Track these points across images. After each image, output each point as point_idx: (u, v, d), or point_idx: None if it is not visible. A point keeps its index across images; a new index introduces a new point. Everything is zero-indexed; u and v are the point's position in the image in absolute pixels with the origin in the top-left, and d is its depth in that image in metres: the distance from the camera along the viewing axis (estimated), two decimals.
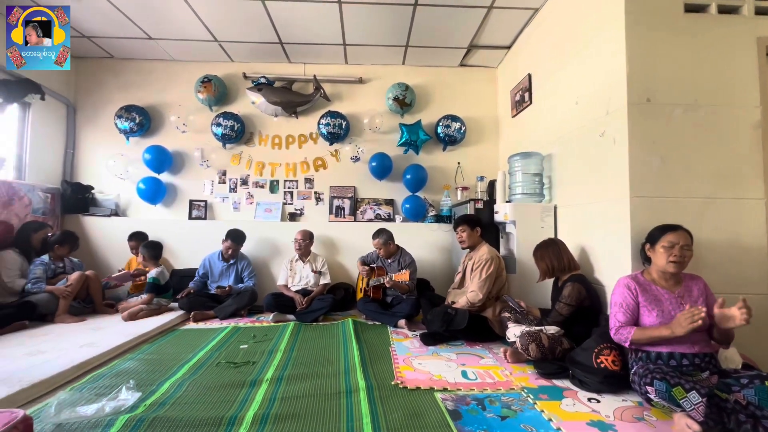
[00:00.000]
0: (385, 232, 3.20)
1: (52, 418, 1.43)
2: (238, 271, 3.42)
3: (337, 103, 4.12)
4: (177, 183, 4.01)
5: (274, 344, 2.46)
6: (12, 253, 2.90)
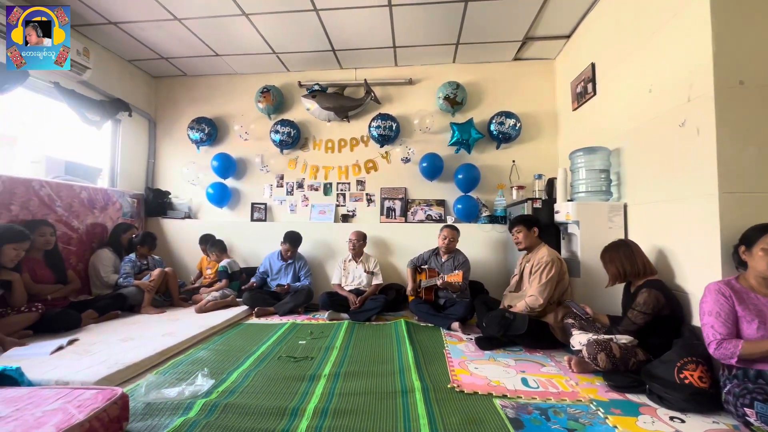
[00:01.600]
0: (456, 227, 3.25)
1: (143, 398, 1.61)
2: (295, 270, 3.60)
3: (387, 105, 4.16)
4: (240, 187, 4.32)
5: (330, 341, 2.54)
6: (107, 251, 3.31)
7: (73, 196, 3.24)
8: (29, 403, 1.31)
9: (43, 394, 1.38)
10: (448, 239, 3.17)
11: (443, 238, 3.19)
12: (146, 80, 4.38)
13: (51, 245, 2.79)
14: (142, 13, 3.18)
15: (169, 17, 3.22)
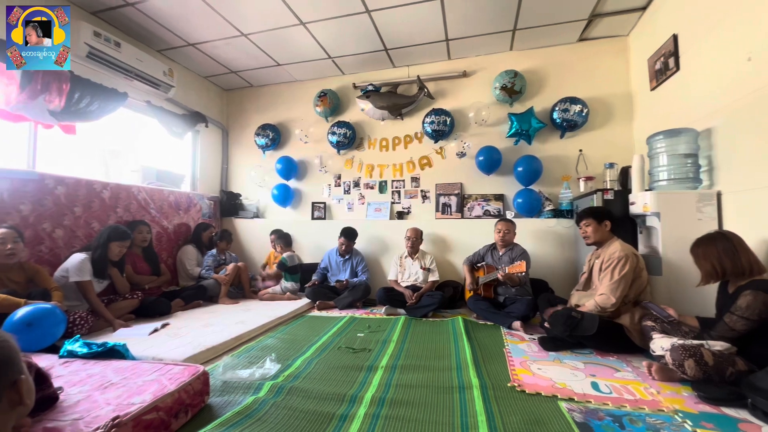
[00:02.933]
0: (511, 220, 3.17)
1: (220, 376, 1.79)
2: (352, 266, 3.71)
3: (441, 100, 4.11)
4: (301, 188, 4.57)
5: (387, 335, 2.58)
6: (191, 247, 3.73)
7: (162, 199, 3.71)
8: (133, 373, 1.53)
9: (143, 367, 1.60)
10: (503, 231, 3.06)
11: (498, 231, 3.10)
12: (219, 93, 4.84)
13: (147, 242, 3.23)
14: (215, 33, 3.52)
15: (237, 34, 3.53)
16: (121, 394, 1.36)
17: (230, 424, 1.35)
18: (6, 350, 0.68)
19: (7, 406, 0.68)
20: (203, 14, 3.20)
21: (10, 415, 0.69)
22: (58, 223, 2.72)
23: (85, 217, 2.90)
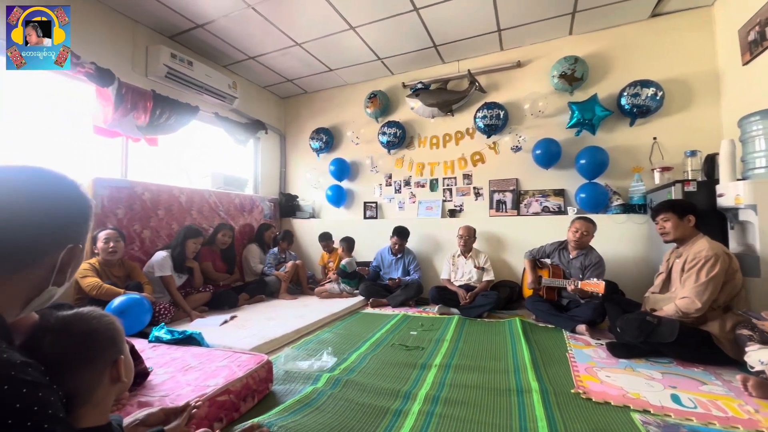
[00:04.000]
0: (592, 220, 2.85)
1: (282, 366, 1.91)
2: (404, 265, 3.73)
3: (494, 93, 3.96)
4: (354, 188, 4.70)
5: (441, 334, 2.56)
6: (255, 246, 4.01)
7: (229, 202, 4.04)
8: (208, 359, 1.69)
9: (216, 353, 1.76)
10: (581, 232, 2.78)
11: (575, 231, 2.82)
12: (276, 101, 5.14)
13: (227, 244, 3.53)
14: (272, 45, 3.75)
15: (292, 44, 3.72)
16: (199, 377, 1.51)
17: (292, 410, 1.43)
18: (111, 330, 0.79)
19: (109, 381, 0.78)
20: (262, 29, 3.42)
21: (111, 390, 0.80)
22: (146, 224, 3.09)
23: (166, 219, 3.26)
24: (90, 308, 0.80)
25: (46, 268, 0.65)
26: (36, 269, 0.64)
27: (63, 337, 0.71)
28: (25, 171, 0.64)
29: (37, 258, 0.63)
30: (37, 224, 0.62)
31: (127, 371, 0.82)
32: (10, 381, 0.49)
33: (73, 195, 0.68)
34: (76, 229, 0.68)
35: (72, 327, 0.73)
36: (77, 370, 0.73)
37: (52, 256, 0.65)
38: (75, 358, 0.72)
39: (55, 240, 0.65)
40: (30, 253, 0.63)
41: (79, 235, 0.69)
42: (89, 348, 0.74)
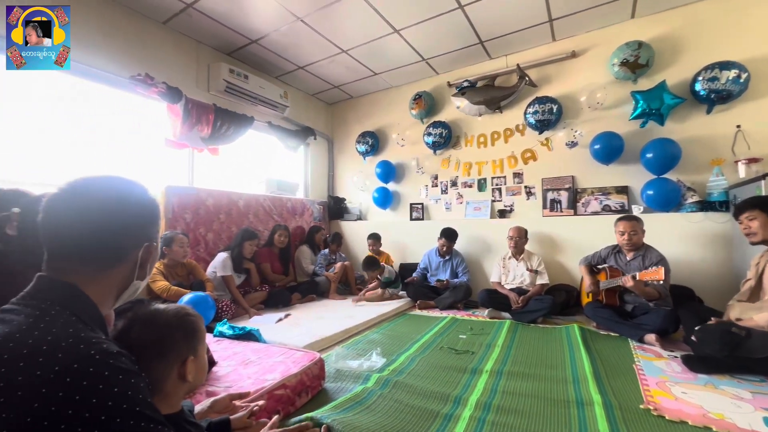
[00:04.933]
0: (639, 218, 2.68)
1: (333, 364, 1.97)
2: (452, 267, 3.67)
3: (545, 87, 3.76)
4: (400, 190, 4.71)
5: (492, 338, 2.48)
6: (306, 247, 4.18)
7: (282, 205, 4.25)
8: (265, 354, 1.80)
9: (272, 350, 1.87)
10: (628, 233, 2.60)
11: (620, 233, 2.65)
12: (324, 108, 5.32)
13: (284, 244, 3.73)
14: (320, 53, 3.89)
15: (338, 51, 3.84)
16: (258, 371, 1.60)
17: (343, 408, 1.47)
18: (189, 330, 0.85)
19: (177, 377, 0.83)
20: (310, 39, 3.57)
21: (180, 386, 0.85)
22: (209, 227, 3.36)
23: (227, 222, 3.52)
24: (178, 306, 0.88)
25: (130, 265, 0.73)
26: (122, 267, 0.72)
27: (148, 327, 0.80)
28: (106, 180, 0.72)
29: (122, 256, 0.72)
30: (121, 227, 0.70)
31: (197, 373, 0.86)
32: (109, 368, 0.56)
33: (145, 199, 0.76)
34: (150, 228, 0.76)
35: (156, 319, 0.82)
36: (151, 361, 0.79)
37: (133, 254, 0.73)
38: (151, 349, 0.79)
39: (135, 240, 0.73)
40: (117, 253, 0.71)
41: (153, 234, 0.77)
42: (163, 342, 0.81)
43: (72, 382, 0.52)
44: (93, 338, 0.58)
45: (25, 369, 0.51)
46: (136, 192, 0.74)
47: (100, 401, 0.53)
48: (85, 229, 0.66)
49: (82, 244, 0.67)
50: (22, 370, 0.51)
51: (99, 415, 0.52)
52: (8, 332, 0.55)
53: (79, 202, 0.67)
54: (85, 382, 0.53)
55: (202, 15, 3.15)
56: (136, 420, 0.55)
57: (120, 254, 0.71)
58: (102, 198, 0.69)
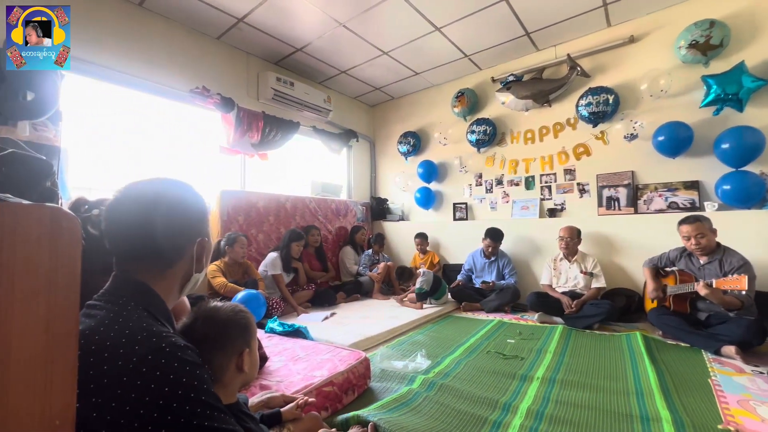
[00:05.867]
0: (704, 217, 2.40)
1: (378, 364, 1.98)
2: (499, 268, 3.54)
3: (600, 76, 3.51)
4: (442, 189, 4.65)
5: (542, 344, 2.36)
6: (349, 248, 4.27)
7: (326, 207, 4.37)
8: (313, 351, 1.85)
9: (319, 347, 1.92)
10: (694, 237, 2.32)
11: (685, 238, 2.38)
12: (366, 110, 5.40)
13: (318, 243, 3.86)
14: (361, 57, 3.95)
15: (379, 54, 3.87)
16: (306, 367, 1.66)
17: (389, 408, 1.47)
18: (243, 326, 0.91)
19: (235, 369, 0.90)
20: (352, 43, 3.63)
21: (237, 377, 0.90)
22: (260, 228, 3.54)
23: (275, 223, 3.69)
24: (233, 304, 0.95)
25: (188, 260, 0.78)
26: (182, 262, 0.77)
27: (209, 322, 0.86)
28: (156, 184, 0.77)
29: (181, 252, 0.77)
30: (175, 227, 0.75)
31: (251, 365, 0.92)
32: (178, 360, 0.61)
33: (194, 197, 0.81)
34: (200, 224, 0.81)
35: (217, 315, 0.88)
36: (212, 352, 0.85)
37: (189, 250, 0.78)
38: (213, 341, 0.86)
39: (189, 237, 0.78)
40: (177, 250, 0.76)
41: (204, 229, 0.82)
42: (224, 335, 0.87)
43: (147, 372, 0.57)
44: (163, 332, 0.64)
45: (109, 359, 0.57)
46: (184, 192, 0.79)
47: (171, 390, 0.57)
48: (144, 233, 0.71)
49: (143, 247, 0.72)
50: (107, 360, 0.57)
51: (171, 402, 0.57)
52: (94, 326, 0.61)
53: (133, 207, 0.72)
54: (158, 372, 0.58)
55: (251, 28, 3.33)
56: (202, 408, 0.60)
57: (178, 252, 0.76)
58: (154, 201, 0.73)
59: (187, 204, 0.78)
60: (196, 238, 0.79)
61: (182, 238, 0.77)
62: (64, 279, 0.47)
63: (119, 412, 0.55)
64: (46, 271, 0.46)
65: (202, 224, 0.81)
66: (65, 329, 0.48)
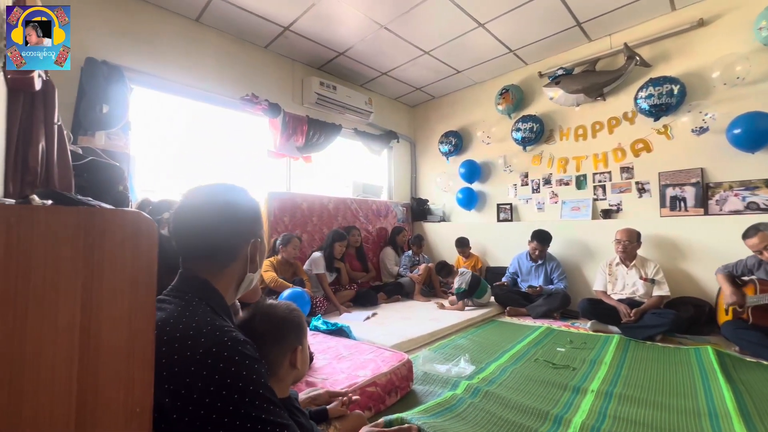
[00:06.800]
0: (765, 224, 2.15)
1: (421, 367, 1.96)
2: (546, 272, 3.37)
3: (662, 65, 3.22)
4: (485, 190, 4.52)
5: (597, 355, 2.21)
6: (390, 249, 4.28)
7: (367, 208, 4.42)
8: (356, 350, 1.88)
9: (362, 347, 1.94)
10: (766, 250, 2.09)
11: (757, 252, 2.15)
12: (406, 110, 5.39)
13: (358, 244, 3.91)
14: (402, 58, 3.95)
15: (420, 53, 3.85)
16: (350, 366, 1.68)
17: (433, 412, 1.45)
18: (296, 323, 0.95)
19: (288, 364, 0.94)
20: (393, 45, 3.64)
21: (290, 372, 0.95)
22: (304, 229, 3.66)
23: (319, 224, 3.80)
24: (287, 302, 0.99)
25: (242, 259, 0.82)
26: (237, 262, 0.81)
27: (266, 318, 0.90)
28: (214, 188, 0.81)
29: (236, 252, 0.81)
30: (233, 227, 0.79)
31: (303, 362, 0.96)
32: (239, 354, 0.64)
33: (248, 200, 0.84)
34: (253, 226, 0.84)
35: (273, 312, 0.93)
36: (269, 347, 0.89)
37: (244, 250, 0.81)
38: (270, 337, 0.90)
39: (243, 238, 0.81)
40: (232, 249, 0.80)
41: (257, 231, 0.85)
42: (280, 331, 0.91)
43: (212, 364, 0.61)
44: (225, 326, 0.68)
45: (179, 349, 0.62)
46: (238, 196, 0.83)
47: (232, 382, 0.61)
48: (203, 233, 0.76)
49: (204, 247, 0.77)
50: (177, 350, 0.62)
51: (232, 394, 0.60)
52: (165, 318, 0.66)
53: (195, 211, 0.77)
54: (221, 364, 0.61)
55: (297, 35, 3.45)
56: (260, 401, 0.63)
57: (233, 252, 0.80)
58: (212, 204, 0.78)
59: (241, 207, 0.82)
60: (250, 239, 0.82)
61: (237, 238, 0.80)
62: (144, 278, 0.52)
63: (188, 398, 0.59)
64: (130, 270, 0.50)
65: (255, 226, 0.84)
66: (144, 324, 0.53)
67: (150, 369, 0.53)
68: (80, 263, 0.47)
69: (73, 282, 0.46)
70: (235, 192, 0.83)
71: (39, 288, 0.44)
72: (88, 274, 0.47)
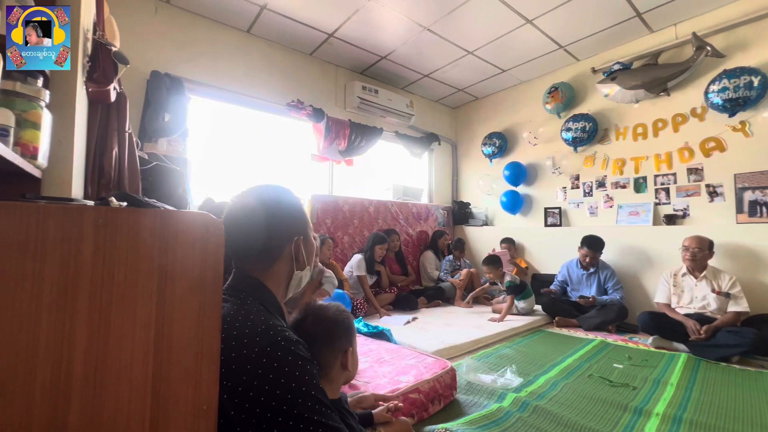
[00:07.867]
0: None
1: (464, 375, 1.90)
2: (599, 282, 3.15)
3: (738, 55, 2.90)
4: (532, 193, 4.32)
5: (661, 374, 2.01)
6: (430, 253, 4.22)
7: (407, 211, 4.40)
8: (398, 355, 1.86)
9: (404, 351, 1.92)
10: None
11: None
12: (448, 112, 5.30)
13: (398, 248, 3.90)
14: (444, 59, 3.89)
15: (463, 54, 3.77)
16: (392, 371, 1.67)
17: (479, 424, 1.40)
18: (347, 325, 0.96)
19: (340, 366, 0.94)
20: (434, 46, 3.60)
21: (341, 374, 0.95)
22: (345, 231, 3.71)
23: (360, 227, 3.83)
24: (336, 303, 1.00)
25: (287, 258, 0.83)
26: (283, 260, 0.82)
27: (318, 319, 0.91)
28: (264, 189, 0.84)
29: (282, 250, 0.82)
30: (277, 224, 0.81)
31: (353, 364, 0.96)
32: (292, 354, 0.65)
33: (291, 200, 0.86)
34: (296, 224, 0.85)
35: (325, 313, 0.94)
36: (321, 348, 0.90)
37: (288, 249, 0.82)
38: (322, 338, 0.90)
39: (287, 234, 0.82)
40: (278, 248, 0.82)
41: (300, 229, 0.85)
42: (332, 333, 0.92)
43: (267, 362, 0.62)
44: (278, 326, 0.69)
45: (236, 347, 0.64)
46: (282, 196, 0.84)
47: (286, 381, 0.62)
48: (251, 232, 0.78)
49: (252, 245, 0.79)
50: (234, 348, 0.64)
51: (285, 393, 0.61)
52: (222, 316, 0.69)
53: (243, 211, 0.80)
54: (276, 363, 0.62)
55: (340, 41, 3.52)
56: (312, 402, 0.63)
57: (278, 250, 0.81)
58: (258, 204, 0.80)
59: (284, 205, 0.84)
60: (294, 236, 0.83)
61: (280, 236, 0.81)
62: (212, 278, 0.54)
63: (244, 396, 0.60)
64: (199, 270, 0.52)
65: (298, 224, 0.85)
66: (212, 323, 0.55)
67: (216, 367, 0.55)
68: (156, 263, 0.49)
69: (150, 281, 0.49)
70: (278, 191, 0.85)
71: (121, 285, 0.47)
72: (162, 273, 0.50)
